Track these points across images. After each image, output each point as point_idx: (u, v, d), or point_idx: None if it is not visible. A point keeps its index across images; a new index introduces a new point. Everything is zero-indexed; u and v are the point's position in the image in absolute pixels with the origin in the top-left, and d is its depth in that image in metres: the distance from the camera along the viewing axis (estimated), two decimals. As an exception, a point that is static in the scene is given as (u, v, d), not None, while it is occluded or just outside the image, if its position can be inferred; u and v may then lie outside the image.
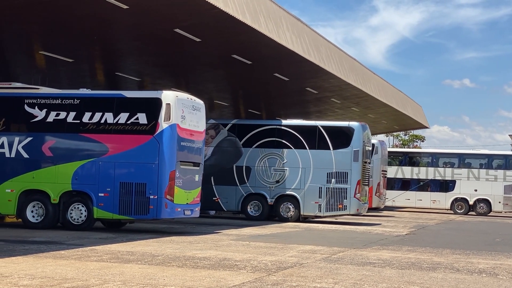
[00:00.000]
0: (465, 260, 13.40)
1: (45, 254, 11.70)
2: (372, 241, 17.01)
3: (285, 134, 24.19)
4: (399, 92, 38.20)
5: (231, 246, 14.30)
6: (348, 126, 24.00)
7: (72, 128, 17.03)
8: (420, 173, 37.82)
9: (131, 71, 24.30)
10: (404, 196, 37.57)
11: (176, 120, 16.48)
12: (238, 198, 24.23)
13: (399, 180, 38.06)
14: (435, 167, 37.64)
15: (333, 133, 23.97)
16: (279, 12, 20.81)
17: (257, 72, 24.89)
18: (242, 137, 24.46)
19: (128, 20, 17.63)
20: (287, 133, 24.17)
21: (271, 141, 24.26)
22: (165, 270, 10.25)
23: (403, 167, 38.17)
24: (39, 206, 17.09)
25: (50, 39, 19.57)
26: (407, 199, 37.59)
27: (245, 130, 24.66)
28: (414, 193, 37.59)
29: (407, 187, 37.85)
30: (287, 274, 10.34)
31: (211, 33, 19.14)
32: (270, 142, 24.26)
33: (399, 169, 38.13)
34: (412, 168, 38.11)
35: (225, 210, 24.31)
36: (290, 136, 24.09)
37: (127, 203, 16.46)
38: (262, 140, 24.26)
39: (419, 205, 37.77)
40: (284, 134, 24.19)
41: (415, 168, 38.08)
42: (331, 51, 25.62)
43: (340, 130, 24.14)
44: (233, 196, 24.21)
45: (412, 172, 37.92)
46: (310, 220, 25.18)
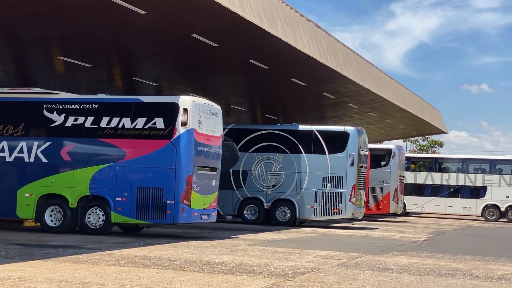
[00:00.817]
0: (484, 266, 13.28)
1: (63, 258, 11.76)
2: (390, 247, 16.92)
3: (281, 138, 24.29)
4: (416, 97, 38.02)
5: (248, 251, 14.29)
6: (343, 131, 24.07)
7: (90, 133, 17.12)
8: (450, 179, 37.19)
9: (149, 76, 24.41)
10: (434, 203, 36.99)
11: (193, 125, 16.51)
12: (234, 202, 24.34)
13: (428, 186, 37.45)
14: (465, 173, 36.98)
15: (328, 137, 24.04)
16: (296, 17, 20.81)
17: (274, 77, 24.89)
18: (239, 141, 24.56)
19: (146, 26, 17.71)
20: (283, 137, 24.28)
21: (267, 145, 24.39)
22: (182, 275, 10.25)
23: (432, 173, 37.52)
24: (57, 210, 17.19)
25: (69, 44, 19.72)
26: (437, 205, 36.98)
27: (242, 134, 24.78)
28: (444, 200, 36.95)
29: (436, 193, 37.25)
30: (304, 279, 10.30)
31: (228, 38, 19.18)
32: (266, 147, 24.38)
33: (428, 175, 37.53)
34: (442, 174, 37.46)
35: (222, 214, 24.38)
36: (286, 141, 24.20)
37: (144, 208, 16.51)
38: (259, 144, 24.38)
39: (449, 211, 37.10)
40: (280, 139, 24.29)
41: (445, 174, 37.42)
42: (348, 56, 25.57)
43: (335, 135, 24.21)
44: (230, 200, 24.30)
45: (442, 178, 37.28)
46: (328, 226, 25.13)
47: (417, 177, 37.45)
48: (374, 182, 30.40)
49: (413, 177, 37.45)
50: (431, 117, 41.51)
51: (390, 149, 31.45)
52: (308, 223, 25.10)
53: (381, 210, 30.93)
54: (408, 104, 35.01)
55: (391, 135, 49.09)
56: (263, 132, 24.63)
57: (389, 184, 30.59)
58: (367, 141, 25.15)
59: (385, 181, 30.57)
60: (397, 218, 34.72)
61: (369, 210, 30.62)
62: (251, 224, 23.65)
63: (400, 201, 31.59)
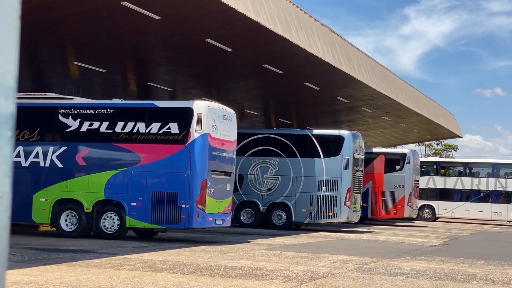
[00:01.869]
0: (500, 271, 13.19)
1: (78, 263, 11.81)
2: (404, 252, 16.85)
3: (277, 142, 24.32)
4: (431, 101, 37.88)
5: (262, 256, 14.28)
6: (338, 135, 24.10)
7: (105, 138, 17.19)
8: (480, 184, 36.63)
9: (163, 81, 24.51)
10: (464, 208, 36.49)
11: (207, 129, 16.54)
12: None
13: (458, 191, 36.97)
14: (496, 178, 36.45)
15: (323, 141, 24.07)
16: (310, 21, 20.82)
17: (288, 81, 24.91)
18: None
19: (160, 31, 17.80)
20: (279, 141, 24.31)
21: (263, 149, 24.41)
22: (197, 279, 10.27)
23: (462, 178, 37.07)
24: (72, 215, 17.26)
25: (84, 50, 19.85)
26: (467, 210, 36.46)
27: (238, 138, 24.79)
28: (474, 205, 36.42)
29: (467, 198, 36.80)
30: (319, 284, 10.28)
31: (243, 43, 19.22)
32: (262, 151, 24.41)
33: (458, 179, 37.14)
34: (472, 178, 36.88)
35: None
36: (282, 145, 24.24)
37: (159, 212, 16.55)
38: (255, 148, 24.40)
39: (479, 216, 36.57)
40: (276, 143, 24.32)
41: (475, 179, 36.85)
42: (362, 60, 25.54)
43: (330, 139, 24.24)
44: None
45: (472, 183, 36.74)
46: (342, 230, 25.07)
47: (446, 182, 36.92)
48: (388, 187, 30.30)
49: (443, 182, 36.98)
50: (446, 121, 41.32)
51: (405, 154, 31.33)
52: (304, 227, 25.15)
53: (396, 215, 30.80)
54: (422, 108, 34.88)
55: (405, 139, 48.91)
56: (259, 136, 24.70)
57: (404, 189, 30.44)
58: (363, 145, 25.14)
59: (400, 186, 30.43)
60: (412, 222, 34.56)
61: (383, 214, 30.53)
62: (247, 228, 23.69)
63: (414, 205, 31.44)
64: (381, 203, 30.31)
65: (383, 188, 30.27)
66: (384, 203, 30.35)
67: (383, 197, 30.30)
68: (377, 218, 30.86)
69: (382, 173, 30.31)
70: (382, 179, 30.29)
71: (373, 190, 30.15)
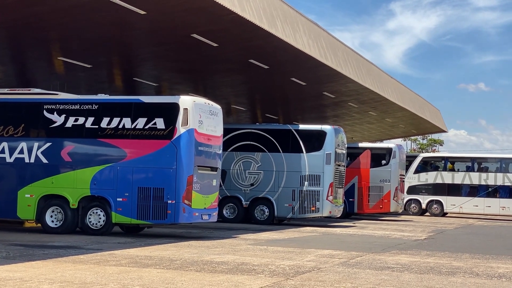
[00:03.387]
0: (485, 264, 13.30)
1: (64, 259, 11.77)
2: (390, 246, 16.94)
3: (259, 137, 24.38)
4: (416, 96, 38.04)
5: (249, 251, 14.30)
6: (320, 130, 24.19)
7: (91, 134, 17.13)
8: (488, 179, 36.53)
9: (149, 76, 24.44)
10: (471, 203, 36.39)
11: (193, 125, 16.52)
12: None
13: (466, 186, 36.85)
14: (504, 173, 36.31)
15: (306, 136, 24.15)
16: (296, 16, 20.82)
17: (274, 76, 24.91)
18: None
19: (146, 26, 17.74)
20: (261, 136, 24.37)
21: (246, 144, 24.45)
22: (184, 275, 10.27)
23: (470, 173, 36.87)
24: (58, 211, 17.19)
25: (69, 45, 19.75)
26: (475, 205, 36.38)
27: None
28: (482, 200, 36.30)
29: (474, 193, 36.68)
30: (305, 278, 10.32)
31: (228, 38, 19.20)
32: (245, 146, 24.46)
33: (466, 175, 36.92)
34: (480, 174, 36.71)
35: None
36: (264, 140, 24.30)
37: (145, 208, 16.52)
38: (237, 143, 24.44)
39: (487, 211, 36.48)
40: (259, 138, 24.38)
41: (483, 174, 36.68)
42: (348, 55, 25.59)
43: (313, 134, 24.32)
44: None
45: (480, 178, 36.62)
46: (328, 224, 25.16)
47: (454, 177, 36.84)
48: (374, 181, 30.42)
49: (451, 177, 36.92)
50: (431, 116, 41.53)
51: (391, 148, 31.45)
52: (287, 221, 25.23)
53: (382, 209, 30.92)
54: (408, 103, 35.02)
55: (391, 134, 49.12)
56: (241, 131, 24.73)
57: (390, 183, 30.56)
58: (345, 140, 25.23)
59: (386, 180, 30.55)
60: (398, 217, 34.72)
61: (369, 209, 30.65)
62: (230, 223, 23.73)
63: (400, 200, 31.58)
64: (367, 197, 30.43)
65: (369, 182, 30.39)
66: (370, 198, 30.48)
67: (369, 192, 30.42)
68: (363, 212, 30.99)
69: (368, 168, 30.42)
70: (368, 174, 30.40)
71: (359, 185, 30.26)
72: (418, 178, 37.41)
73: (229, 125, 24.24)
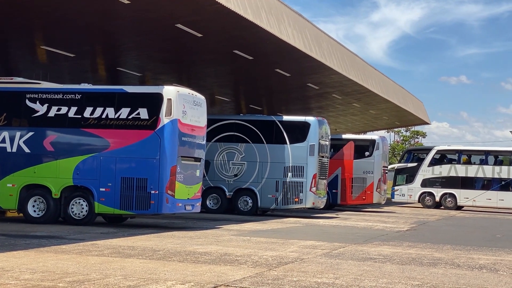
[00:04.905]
0: (466, 255, 13.41)
1: (46, 249, 11.73)
2: (373, 237, 17.03)
3: (243, 128, 24.40)
4: (400, 88, 38.19)
5: (232, 241, 14.32)
6: (304, 121, 24.22)
7: (74, 123, 17.04)
8: (501, 172, 36.41)
9: (133, 66, 24.32)
10: (485, 196, 36.33)
11: (177, 115, 16.48)
12: None
13: (480, 179, 36.77)
14: None
15: (290, 127, 24.21)
16: (280, 7, 20.80)
17: (258, 67, 24.89)
18: None
19: (130, 15, 17.64)
20: (245, 127, 24.39)
21: (230, 135, 24.48)
22: (166, 265, 10.27)
23: (484, 166, 36.76)
24: (40, 200, 17.11)
25: (52, 34, 19.59)
26: (488, 199, 36.30)
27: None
28: (495, 193, 36.21)
29: (488, 186, 36.59)
30: (288, 269, 10.35)
31: (213, 29, 19.15)
32: (228, 137, 24.47)
33: (479, 168, 36.79)
34: (494, 167, 36.61)
35: None
36: (248, 131, 24.33)
37: (128, 198, 16.48)
38: (221, 134, 24.44)
39: (500, 205, 36.37)
40: (242, 129, 24.40)
41: (497, 167, 36.55)
42: (332, 47, 25.62)
43: (296, 125, 24.36)
44: None
45: (493, 171, 36.53)
46: (311, 215, 25.24)
47: (468, 170, 36.82)
48: (358, 173, 30.53)
49: (464, 170, 36.87)
50: (415, 108, 41.72)
51: (374, 140, 31.57)
52: (270, 212, 25.31)
53: (365, 201, 31.07)
54: (392, 95, 35.15)
55: (375, 126, 49.31)
56: (225, 122, 24.72)
57: (373, 175, 30.70)
58: (328, 131, 25.30)
59: (369, 172, 30.68)
60: (381, 208, 34.90)
61: (353, 200, 30.78)
62: (213, 214, 23.74)
63: (383, 191, 31.74)
64: (351, 189, 30.55)
65: (353, 174, 30.50)
66: (354, 189, 30.60)
67: (353, 183, 30.53)
68: (347, 204, 31.12)
69: (352, 159, 30.53)
70: (352, 165, 30.50)
71: (343, 176, 30.36)
72: (432, 171, 37.42)
73: (213, 115, 24.20)
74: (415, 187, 37.72)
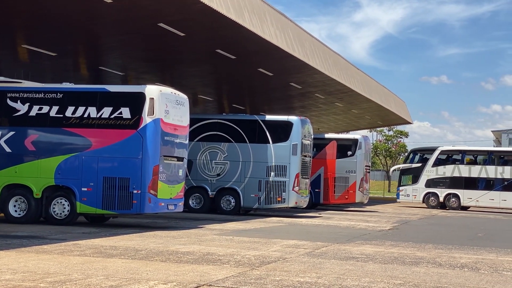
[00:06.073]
0: (448, 254, 13.50)
1: (27, 249, 11.64)
2: (355, 236, 17.09)
3: (226, 128, 24.43)
4: (382, 87, 38.34)
5: (214, 241, 14.31)
6: (287, 120, 24.30)
7: (55, 123, 16.93)
8: (504, 173, 36.50)
9: (115, 65, 24.21)
10: (488, 196, 36.45)
11: (159, 114, 16.43)
12: None
13: (483, 180, 36.86)
14: None
15: (272, 127, 24.26)
16: (263, 7, 20.81)
17: (241, 67, 24.89)
18: None
19: (112, 14, 17.55)
20: (228, 127, 24.42)
21: (213, 135, 24.48)
22: (148, 265, 10.24)
23: (486, 166, 36.87)
24: (21, 200, 16.98)
25: (34, 33, 19.45)
26: (491, 199, 36.41)
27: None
28: (498, 193, 36.32)
29: (491, 187, 36.69)
30: (270, 268, 10.36)
31: (195, 28, 19.10)
32: (211, 136, 24.49)
33: (482, 168, 36.91)
34: (496, 167, 36.72)
35: None
36: (231, 130, 24.35)
37: (110, 198, 16.41)
38: (204, 134, 24.44)
39: (503, 205, 36.49)
40: (225, 128, 24.43)
41: (499, 168, 36.66)
42: (315, 47, 25.66)
43: (279, 124, 24.41)
44: None
45: (496, 172, 36.67)
46: (294, 215, 25.28)
47: (471, 171, 36.92)
48: (340, 172, 30.63)
49: (468, 171, 36.98)
50: (397, 107, 41.91)
51: (357, 139, 31.69)
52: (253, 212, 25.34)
53: (348, 200, 31.17)
54: (374, 94, 35.29)
55: (357, 125, 49.47)
56: (208, 122, 24.72)
57: (355, 174, 30.81)
58: (311, 131, 25.37)
59: (352, 171, 30.79)
60: (363, 207, 35.03)
61: (335, 199, 30.88)
62: (196, 213, 23.72)
63: (366, 190, 31.86)
64: (333, 188, 30.64)
65: (335, 173, 30.60)
66: (336, 189, 30.69)
67: (335, 183, 30.63)
68: (329, 203, 31.22)
69: (334, 158, 30.63)
70: (334, 165, 30.60)
71: (325, 176, 30.45)
72: (436, 171, 37.55)
73: (196, 115, 24.17)
74: (420, 187, 37.89)
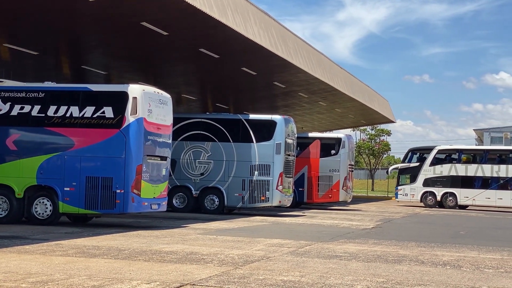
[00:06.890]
0: (430, 252, 13.58)
1: (9, 249, 11.55)
2: (338, 235, 17.14)
3: (209, 127, 24.44)
4: (366, 86, 38.47)
5: (198, 240, 14.29)
6: (270, 120, 24.33)
7: (37, 122, 16.83)
8: (500, 171, 36.57)
9: (98, 64, 24.09)
10: (484, 195, 36.58)
11: (142, 114, 16.38)
12: None
13: (479, 179, 36.92)
14: None
15: (256, 126, 24.29)
16: (246, 6, 20.79)
17: (224, 66, 24.86)
18: None
19: (95, 13, 17.46)
20: (212, 126, 24.43)
21: (196, 134, 24.48)
22: (132, 264, 10.20)
23: (483, 165, 36.94)
24: (3, 200, 16.85)
25: (15, 31, 19.29)
26: (487, 198, 36.55)
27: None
28: (494, 192, 36.47)
29: (487, 185, 36.79)
30: (254, 267, 10.36)
31: (178, 27, 19.06)
32: (195, 135, 24.48)
33: (478, 167, 36.97)
34: (492, 166, 36.75)
35: None
36: (215, 129, 24.36)
37: (93, 198, 16.33)
38: (187, 133, 24.42)
39: (499, 204, 36.66)
40: (209, 127, 24.44)
41: (495, 166, 36.73)
42: (298, 46, 25.69)
43: (262, 124, 24.44)
44: None
45: (492, 170, 36.68)
46: (277, 214, 25.30)
47: (468, 169, 36.99)
48: (324, 171, 30.70)
49: (464, 170, 37.05)
50: (380, 106, 42.07)
51: (340, 138, 31.76)
52: (237, 211, 25.34)
53: (331, 199, 31.23)
54: (357, 93, 35.40)
55: (341, 124, 49.60)
56: (191, 121, 24.69)
57: (339, 173, 30.88)
58: (295, 130, 25.42)
59: (335, 170, 30.86)
60: (347, 206, 35.13)
61: (319, 198, 30.93)
62: (180, 212, 23.68)
63: (349, 189, 31.94)
64: (317, 187, 30.70)
65: (319, 172, 30.66)
66: (320, 188, 30.75)
67: (319, 182, 30.68)
68: (313, 202, 31.27)
69: (318, 157, 30.68)
70: (318, 164, 30.66)
71: (309, 175, 30.51)
72: (434, 170, 37.66)
73: (179, 114, 24.12)
74: (418, 186, 38.03)
